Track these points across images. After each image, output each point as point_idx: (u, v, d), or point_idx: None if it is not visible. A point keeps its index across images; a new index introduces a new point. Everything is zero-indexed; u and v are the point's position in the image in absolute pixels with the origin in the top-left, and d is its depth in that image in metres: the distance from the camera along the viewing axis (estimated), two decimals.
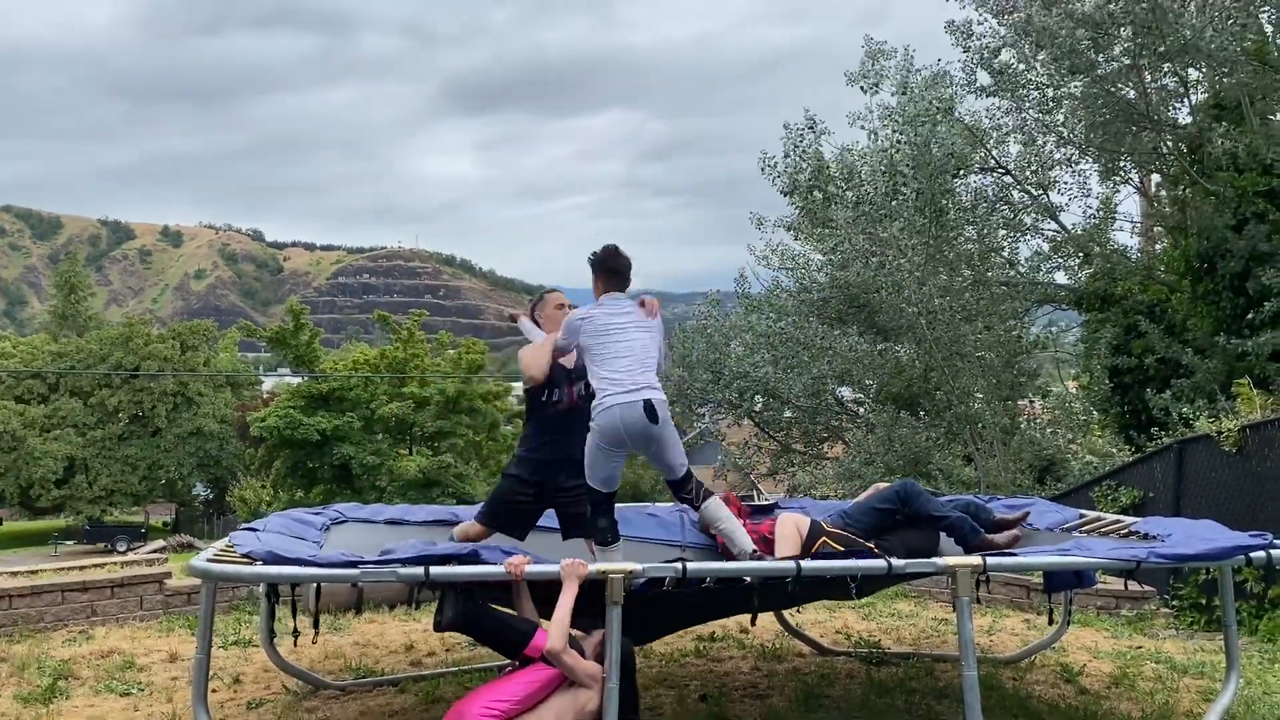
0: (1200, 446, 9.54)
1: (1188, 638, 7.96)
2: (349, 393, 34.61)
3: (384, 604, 8.34)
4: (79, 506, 47.69)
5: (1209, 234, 12.89)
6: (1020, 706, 5.71)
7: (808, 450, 19.13)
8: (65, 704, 5.78)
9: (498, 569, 4.37)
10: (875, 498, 5.45)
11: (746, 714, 5.59)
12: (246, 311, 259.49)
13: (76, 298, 60.01)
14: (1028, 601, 8.60)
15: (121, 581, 7.94)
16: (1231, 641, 5.33)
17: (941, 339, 14.44)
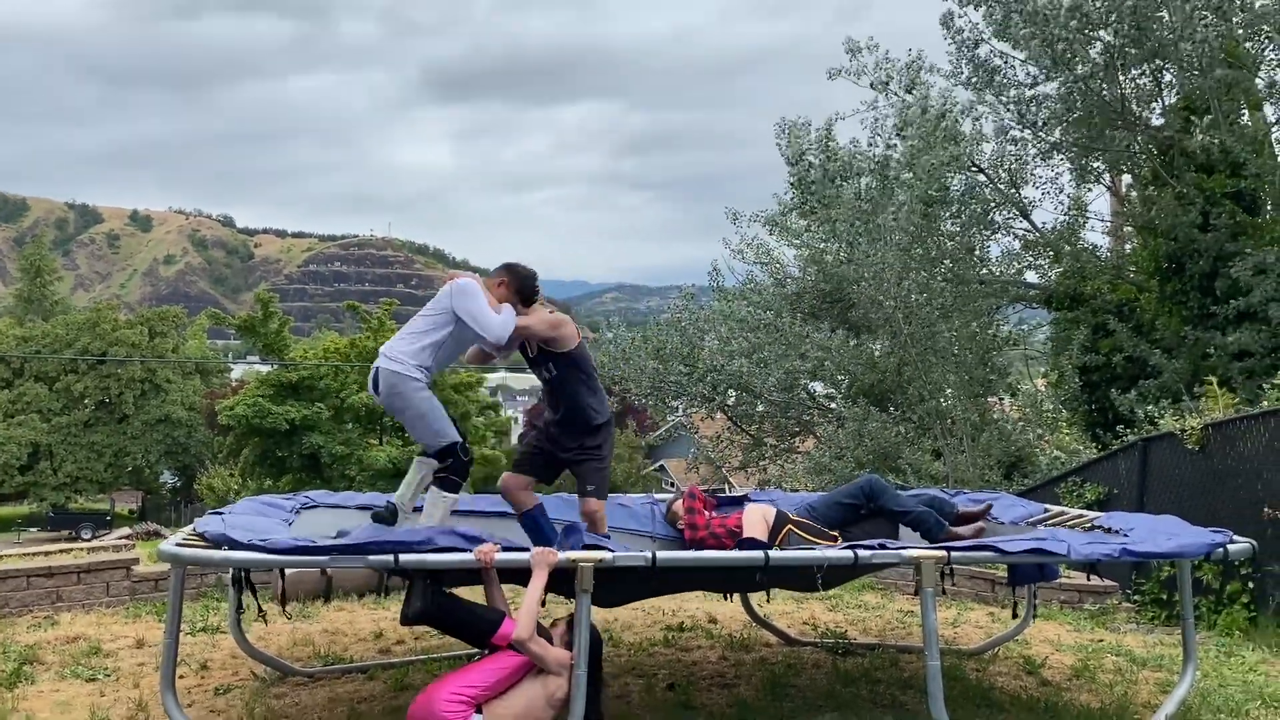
0: (1164, 444, 9.68)
1: (1148, 632, 8.09)
2: (319, 382, 34.39)
3: (353, 592, 8.32)
4: (43, 493, 47.08)
5: (1177, 234, 13.07)
6: (983, 697, 5.79)
7: (779, 444, 19.22)
8: (30, 689, 5.74)
9: (467, 557, 4.39)
10: (840, 492, 5.52)
11: (713, 703, 5.63)
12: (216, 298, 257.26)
13: (42, 281, 59.19)
14: (992, 595, 8.71)
15: (88, 567, 7.87)
16: (1189, 635, 5.44)
17: (916, 334, 14.55)
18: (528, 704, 4.29)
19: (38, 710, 5.31)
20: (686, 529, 5.27)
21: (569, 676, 4.36)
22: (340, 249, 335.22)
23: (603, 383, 15.69)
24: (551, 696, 4.34)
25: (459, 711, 4.18)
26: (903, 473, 14.18)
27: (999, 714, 5.48)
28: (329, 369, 34.87)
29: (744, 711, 5.43)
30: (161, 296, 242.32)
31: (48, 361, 46.91)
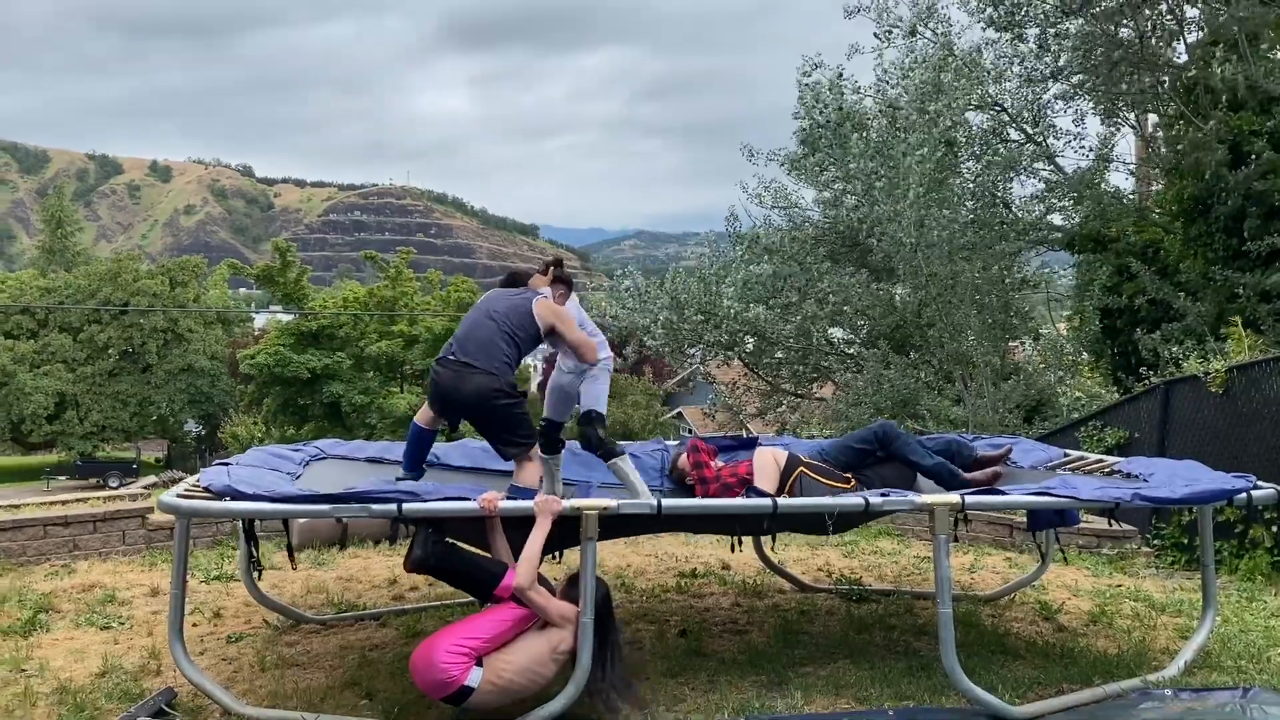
0: (1187, 387, 9.52)
1: (1167, 576, 8.02)
2: (339, 331, 34.48)
3: (368, 539, 8.34)
4: (71, 442, 47.62)
5: (1203, 174, 12.75)
6: (998, 643, 5.74)
7: (797, 391, 19.13)
8: (45, 637, 5.78)
9: (471, 504, 4.34)
10: (853, 437, 5.43)
11: (725, 649, 5.61)
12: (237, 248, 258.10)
13: (65, 233, 59.42)
14: (1010, 540, 8.65)
15: (104, 516, 7.92)
16: (1209, 581, 5.36)
17: (938, 274, 14.32)
18: (530, 657, 4.25)
19: (52, 658, 5.34)
20: (696, 483, 5.20)
21: (573, 630, 4.31)
22: (360, 198, 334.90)
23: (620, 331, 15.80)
24: (555, 649, 4.30)
25: (458, 664, 4.15)
26: (922, 418, 14.07)
27: (1014, 661, 5.43)
28: (349, 318, 34.93)
29: (756, 658, 5.39)
30: (183, 247, 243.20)
31: (71, 312, 47.23)
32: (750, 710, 4.64)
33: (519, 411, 4.96)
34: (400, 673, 5.12)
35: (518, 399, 4.96)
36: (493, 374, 4.88)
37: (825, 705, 4.74)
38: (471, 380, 4.88)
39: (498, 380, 4.88)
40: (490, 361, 4.91)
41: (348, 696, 4.80)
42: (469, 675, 4.17)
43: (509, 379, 4.93)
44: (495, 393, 4.88)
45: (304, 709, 4.56)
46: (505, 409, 4.91)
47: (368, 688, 4.91)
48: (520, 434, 4.99)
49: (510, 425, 4.97)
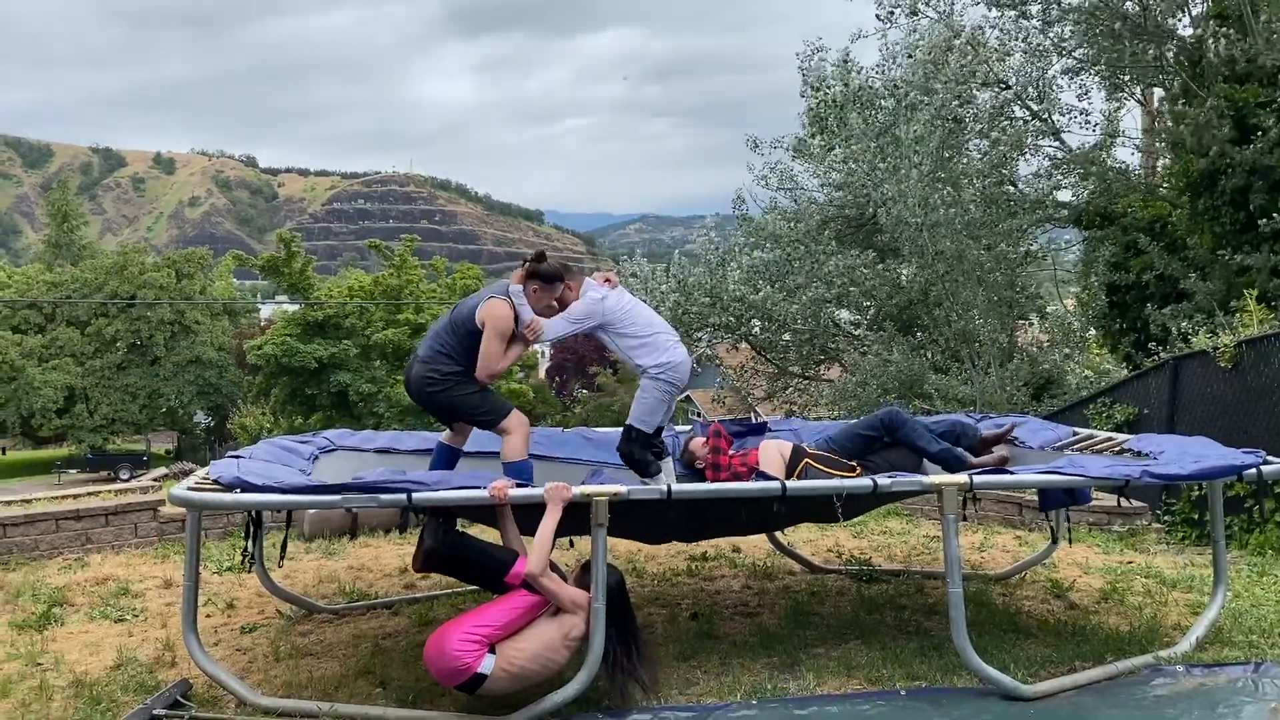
0: (1196, 363, 9.49)
1: (1178, 552, 8.01)
2: (345, 320, 34.52)
3: (378, 528, 8.37)
4: (81, 435, 47.89)
5: (1209, 148, 12.66)
6: (1009, 621, 5.75)
7: (804, 373, 19.13)
8: (59, 630, 5.82)
9: (481, 493, 4.35)
10: (859, 424, 5.42)
11: (737, 631, 5.62)
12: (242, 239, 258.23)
13: (70, 226, 59.61)
14: (1020, 519, 8.65)
15: (115, 509, 7.95)
16: (1220, 556, 5.36)
17: (944, 252, 14.27)
18: (542, 644, 4.26)
19: (67, 651, 5.38)
20: (709, 469, 5.20)
21: (585, 616, 4.32)
22: (363, 186, 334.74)
23: None
24: (567, 636, 4.31)
25: (471, 652, 4.16)
26: (929, 398, 14.05)
27: (1026, 639, 5.43)
28: (354, 307, 34.95)
29: (767, 640, 5.41)
30: (188, 238, 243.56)
31: (79, 306, 47.38)
32: (763, 692, 4.65)
33: (460, 393, 5.10)
34: (414, 660, 5.15)
35: (450, 382, 5.09)
36: (424, 362, 5.11)
37: (837, 686, 4.75)
38: (410, 372, 5.17)
39: (427, 368, 5.09)
40: (428, 351, 5.14)
41: (362, 685, 4.83)
42: (482, 663, 4.18)
43: (441, 367, 5.07)
44: (426, 380, 5.11)
45: (318, 698, 4.59)
46: (442, 395, 5.10)
47: (381, 676, 4.93)
48: (476, 413, 5.18)
49: (457, 408, 5.16)
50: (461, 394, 5.10)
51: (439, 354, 5.09)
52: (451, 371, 5.09)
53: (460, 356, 5.10)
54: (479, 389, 5.16)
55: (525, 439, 5.16)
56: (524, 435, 5.16)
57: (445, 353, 5.08)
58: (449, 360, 5.08)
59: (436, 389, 5.09)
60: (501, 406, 5.21)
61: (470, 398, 5.12)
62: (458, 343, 5.10)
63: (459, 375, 5.10)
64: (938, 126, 14.44)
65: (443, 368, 5.07)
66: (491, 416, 5.15)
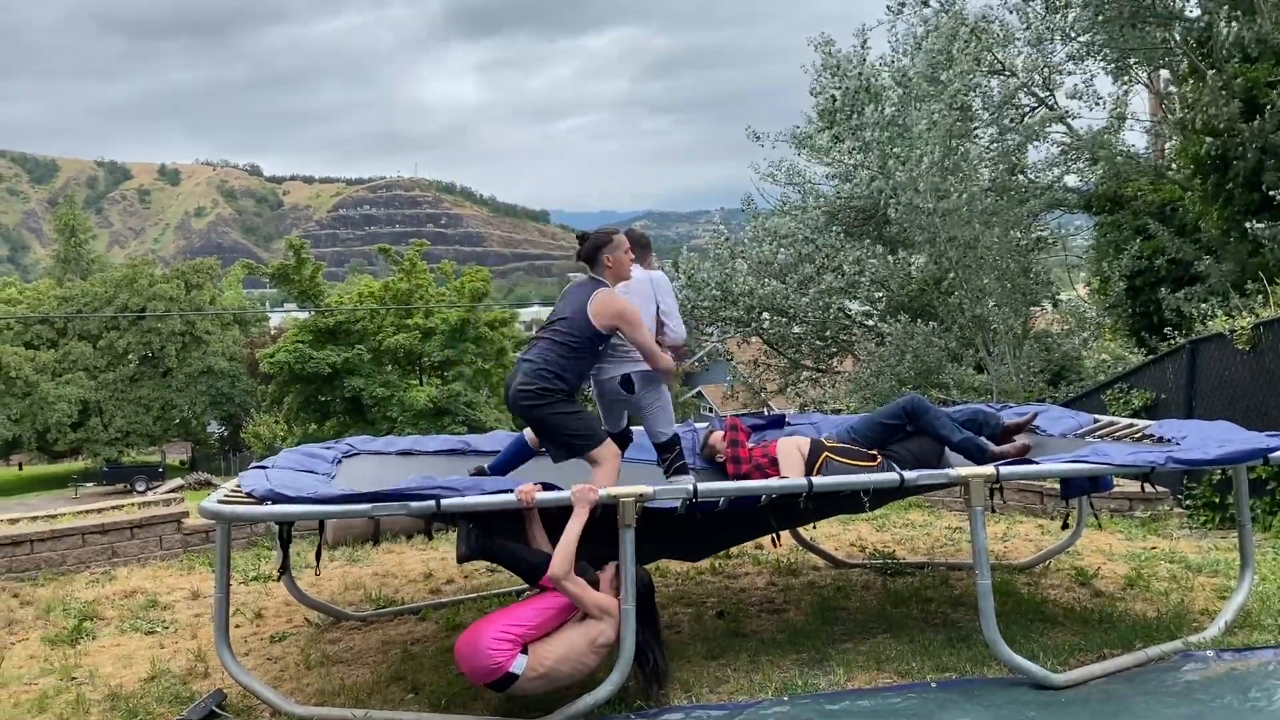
0: (1213, 346, 9.47)
1: (1202, 536, 7.99)
2: (355, 325, 34.62)
3: (401, 534, 8.41)
4: (96, 449, 48.15)
5: (1220, 129, 12.62)
6: (1035, 611, 5.75)
7: (817, 365, 19.11)
8: (92, 644, 5.86)
9: (509, 498, 4.37)
10: (881, 413, 5.40)
11: (764, 629, 5.63)
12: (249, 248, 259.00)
13: (78, 241, 59.86)
14: (1041, 507, 8.64)
15: (140, 522, 8.00)
16: (1246, 540, 5.35)
17: (957, 239, 14.24)
18: (568, 648, 4.27)
19: (101, 665, 5.42)
20: (729, 462, 5.20)
21: (612, 622, 4.33)
22: (368, 192, 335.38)
23: None
24: (593, 642, 4.32)
25: (504, 651, 4.18)
26: (945, 387, 14.03)
27: (1052, 628, 5.43)
28: (365, 312, 35.03)
29: (795, 636, 5.42)
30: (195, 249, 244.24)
31: (90, 320, 47.61)
32: (793, 689, 4.66)
33: (557, 411, 4.88)
34: (444, 665, 5.18)
35: (549, 398, 4.87)
36: (526, 375, 4.91)
37: (867, 680, 4.76)
38: (511, 384, 4.96)
39: (528, 382, 4.89)
40: (532, 365, 4.91)
41: (394, 691, 4.86)
42: (514, 662, 4.21)
43: (543, 383, 4.86)
44: (523, 394, 4.89)
45: (351, 705, 4.62)
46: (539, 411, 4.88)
47: (413, 681, 4.96)
48: (570, 435, 4.93)
49: (553, 428, 4.93)
50: (559, 412, 4.89)
51: (541, 370, 4.89)
52: (551, 389, 4.88)
53: (566, 372, 4.92)
54: (577, 410, 4.96)
55: (615, 471, 4.93)
56: (614, 468, 4.94)
57: (549, 368, 4.89)
58: (552, 377, 4.88)
59: (534, 403, 4.88)
60: (596, 434, 5.00)
61: (567, 419, 4.91)
62: (567, 354, 4.92)
63: (561, 394, 4.91)
64: (947, 115, 14.41)
65: (544, 384, 4.87)
66: (585, 443, 4.93)
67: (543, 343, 4.99)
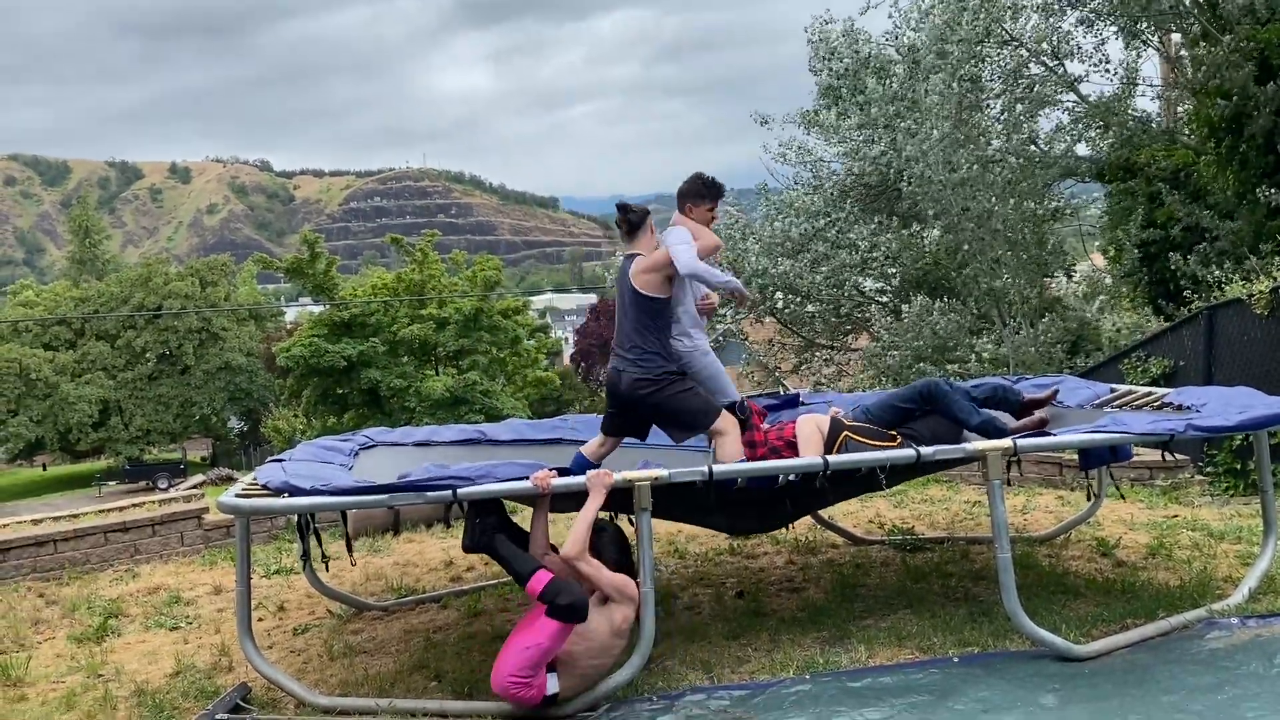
0: (1231, 311, 9.39)
1: (1223, 504, 7.94)
2: (370, 318, 34.68)
3: (421, 523, 8.44)
4: (118, 447, 48.47)
5: (1233, 91, 12.46)
6: (1057, 583, 5.73)
7: (832, 344, 19.05)
8: (118, 641, 5.91)
9: (525, 484, 4.37)
10: (896, 395, 5.34)
11: (784, 608, 5.63)
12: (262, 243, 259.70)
13: (92, 241, 60.26)
14: (1061, 479, 8.60)
15: (161, 519, 8.05)
16: (1269, 506, 5.31)
17: (971, 211, 14.13)
18: (592, 642, 4.25)
19: (127, 661, 5.46)
20: (745, 446, 5.17)
21: (628, 602, 4.31)
22: (379, 184, 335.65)
23: None
24: (616, 629, 4.30)
25: (530, 684, 4.19)
26: (963, 361, 13.96)
27: (1075, 599, 5.41)
28: (379, 304, 35.10)
29: (815, 615, 5.42)
30: (208, 246, 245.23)
31: (107, 320, 47.89)
32: (815, 667, 4.66)
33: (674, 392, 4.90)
34: (466, 653, 5.20)
35: (665, 381, 4.89)
36: (633, 364, 4.93)
37: (889, 657, 4.75)
38: (619, 379, 4.96)
39: (638, 370, 4.90)
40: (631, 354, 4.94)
41: (417, 679, 4.88)
42: (547, 685, 4.22)
43: (653, 366, 4.88)
44: (638, 384, 4.90)
45: (375, 695, 4.64)
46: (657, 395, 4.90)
47: (436, 669, 4.98)
48: (691, 414, 4.94)
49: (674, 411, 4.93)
50: (675, 393, 4.91)
51: (645, 354, 4.89)
52: (665, 372, 4.91)
53: (663, 349, 4.95)
54: (692, 388, 4.99)
55: (738, 440, 4.96)
56: (737, 436, 4.96)
57: (649, 350, 4.90)
58: (657, 358, 4.90)
59: (652, 389, 4.87)
60: (713, 406, 5.00)
61: (685, 398, 4.92)
62: (654, 329, 4.95)
63: (674, 374, 4.94)
64: (955, 87, 14.29)
65: (654, 367, 4.88)
66: (705, 419, 4.93)
67: (627, 328, 4.99)
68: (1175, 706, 4.02)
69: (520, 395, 37.28)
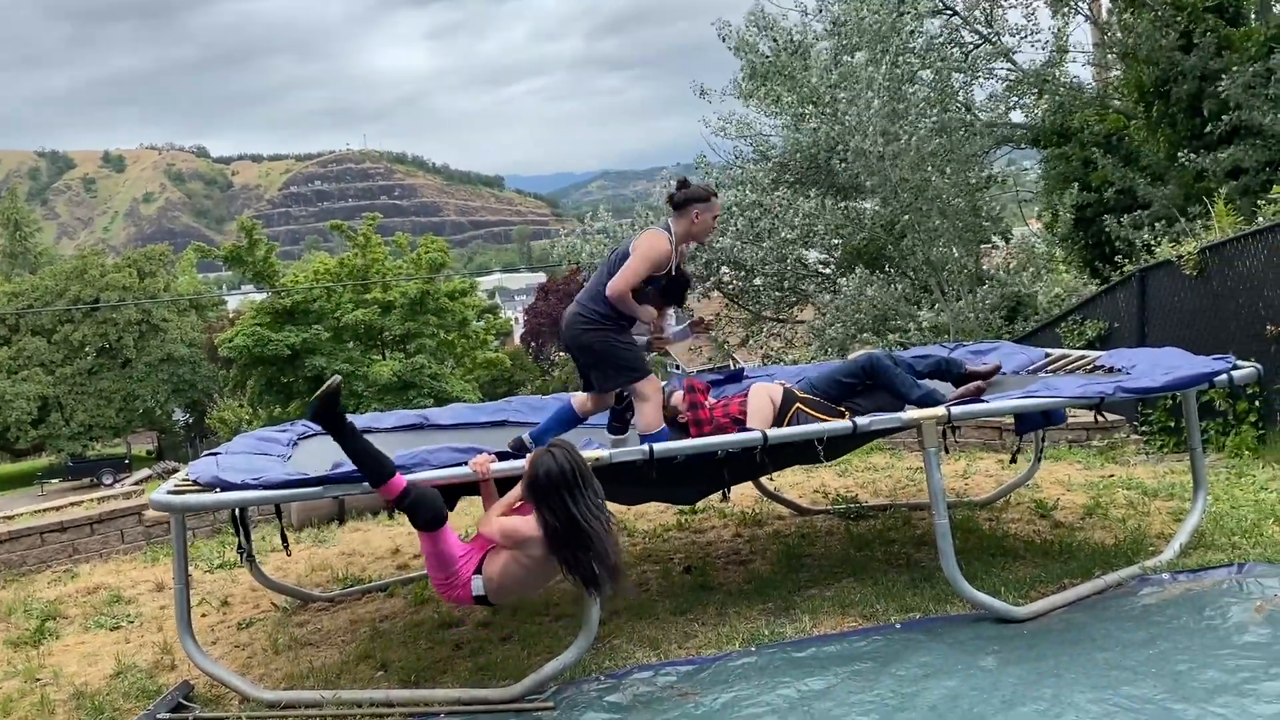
0: (1162, 273, 9.58)
1: (1158, 461, 8.13)
2: (313, 304, 34.21)
3: (366, 512, 8.36)
4: (59, 444, 47.44)
5: (1158, 58, 12.68)
6: (996, 546, 5.83)
7: (779, 316, 19.14)
8: (55, 644, 5.80)
9: (464, 470, 4.34)
10: (839, 370, 5.37)
11: (731, 580, 5.67)
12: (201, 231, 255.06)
13: (24, 235, 58.71)
14: (1000, 443, 8.74)
15: (100, 518, 7.90)
16: (1198, 463, 5.44)
17: (907, 182, 14.24)
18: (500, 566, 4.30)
19: (65, 664, 5.36)
20: (691, 425, 5.19)
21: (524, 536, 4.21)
22: (319, 167, 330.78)
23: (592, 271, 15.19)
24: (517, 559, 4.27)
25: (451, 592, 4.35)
26: (904, 330, 14.11)
27: (1014, 561, 5.51)
28: (321, 290, 34.64)
29: (762, 586, 5.46)
30: (146, 236, 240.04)
31: (42, 314, 46.72)
32: (760, 639, 4.70)
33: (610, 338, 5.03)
34: (412, 640, 5.18)
35: (606, 325, 5.02)
36: (579, 303, 5.12)
37: (833, 626, 4.81)
38: (565, 314, 5.17)
39: (581, 308, 5.08)
40: (584, 294, 5.15)
41: (363, 670, 4.85)
42: (473, 587, 4.30)
43: (598, 308, 5.03)
44: (578, 318, 5.08)
45: (321, 687, 4.60)
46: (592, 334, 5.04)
47: (382, 659, 4.95)
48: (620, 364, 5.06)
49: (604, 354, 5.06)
50: (611, 340, 5.05)
51: (595, 296, 5.06)
52: (607, 314, 5.03)
53: (614, 311, 5.05)
54: (629, 343, 5.11)
55: (659, 408, 5.08)
56: (658, 404, 5.09)
57: (600, 305, 5.05)
58: (605, 304, 5.03)
59: (589, 328, 5.03)
60: (644, 367, 5.14)
61: (619, 348, 5.06)
62: None
63: (613, 322, 5.05)
64: (885, 61, 14.35)
65: (599, 309, 5.03)
66: (634, 374, 5.06)
67: (593, 284, 5.15)
68: (1110, 663, 4.12)
69: (470, 378, 37.07)
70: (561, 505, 4.04)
